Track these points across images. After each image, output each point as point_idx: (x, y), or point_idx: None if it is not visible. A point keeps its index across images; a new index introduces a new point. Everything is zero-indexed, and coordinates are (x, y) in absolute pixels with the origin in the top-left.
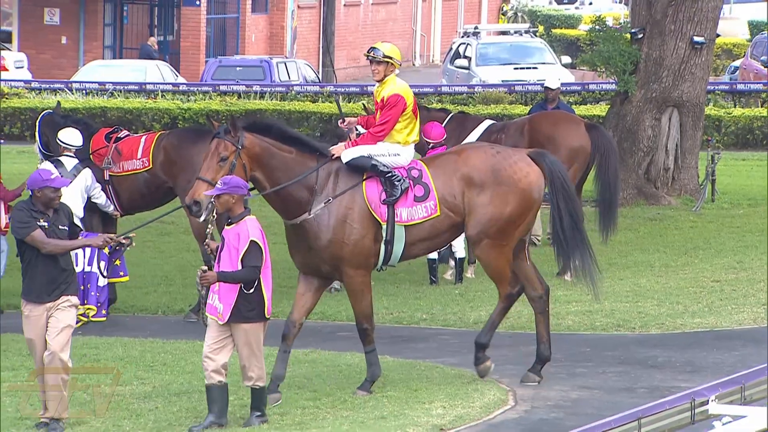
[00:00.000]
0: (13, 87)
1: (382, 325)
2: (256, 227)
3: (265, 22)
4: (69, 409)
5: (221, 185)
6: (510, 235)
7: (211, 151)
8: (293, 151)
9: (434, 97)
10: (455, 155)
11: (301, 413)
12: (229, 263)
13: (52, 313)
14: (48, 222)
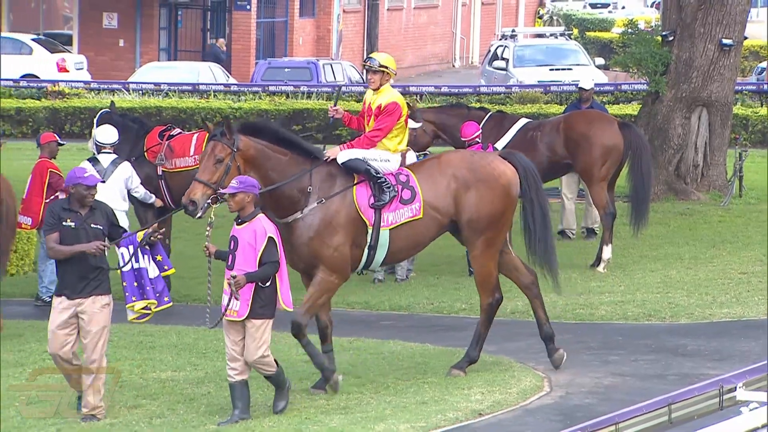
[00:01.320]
0: (74, 87)
1: (423, 314)
2: (269, 224)
3: (312, 26)
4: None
5: (237, 184)
6: (500, 231)
7: (208, 153)
8: (287, 153)
9: (473, 97)
10: (436, 160)
11: (346, 398)
12: (245, 261)
13: (84, 315)
14: (76, 222)
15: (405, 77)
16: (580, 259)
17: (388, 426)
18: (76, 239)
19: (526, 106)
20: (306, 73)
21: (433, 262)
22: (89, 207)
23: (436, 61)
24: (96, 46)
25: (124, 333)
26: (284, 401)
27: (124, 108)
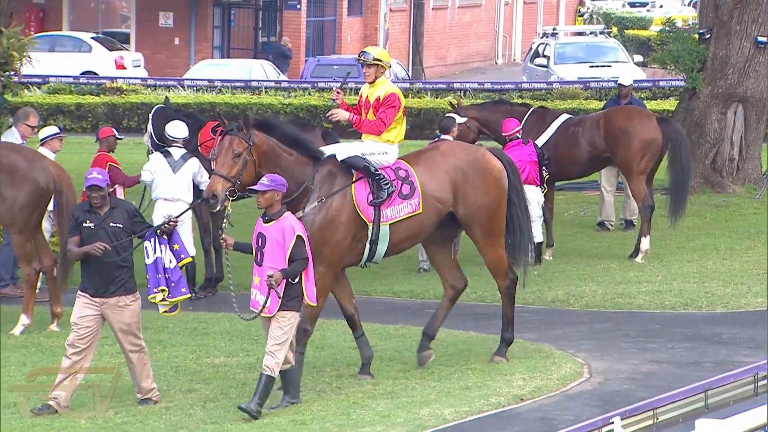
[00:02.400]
0: (131, 84)
1: (467, 302)
2: (297, 222)
3: (359, 24)
4: (156, 387)
5: (268, 182)
6: (498, 220)
7: (225, 147)
8: (293, 153)
9: (515, 93)
10: (434, 151)
11: (392, 384)
12: (274, 259)
13: (108, 314)
14: (95, 222)
15: (449, 74)
16: (618, 249)
17: (433, 410)
18: (95, 239)
19: (566, 101)
20: (353, 70)
21: (476, 252)
22: (109, 207)
23: (479, 59)
24: (152, 44)
25: (179, 320)
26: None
27: (178, 104)
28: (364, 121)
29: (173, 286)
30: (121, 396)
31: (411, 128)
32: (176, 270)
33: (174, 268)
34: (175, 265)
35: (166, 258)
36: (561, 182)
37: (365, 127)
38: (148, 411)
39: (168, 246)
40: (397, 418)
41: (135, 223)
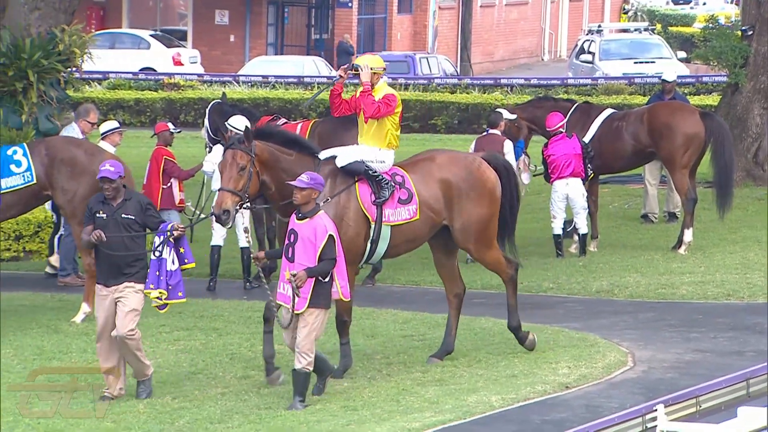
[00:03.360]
0: (188, 80)
1: None
2: (330, 222)
3: (409, 22)
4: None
5: (307, 179)
6: (492, 231)
7: (229, 162)
8: (293, 153)
9: (561, 89)
10: (430, 162)
11: (440, 371)
12: (305, 256)
13: (119, 298)
14: (107, 213)
15: (496, 70)
16: (662, 241)
17: (480, 397)
18: (105, 230)
19: (611, 97)
20: (403, 66)
21: (522, 244)
22: (122, 199)
23: (525, 55)
24: (209, 41)
25: (234, 308)
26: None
27: (234, 99)
28: (369, 98)
29: (171, 289)
30: (179, 382)
31: (459, 123)
32: (177, 273)
33: (175, 271)
34: (177, 268)
35: (170, 260)
36: (605, 176)
37: (367, 102)
38: (204, 396)
39: (174, 249)
40: (445, 405)
41: (148, 216)
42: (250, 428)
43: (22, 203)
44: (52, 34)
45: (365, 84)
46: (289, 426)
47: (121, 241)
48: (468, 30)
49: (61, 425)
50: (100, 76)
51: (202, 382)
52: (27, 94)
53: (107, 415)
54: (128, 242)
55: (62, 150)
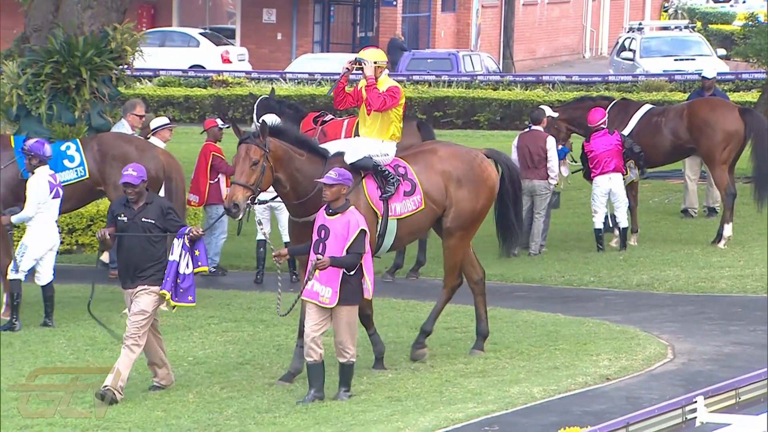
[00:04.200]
0: (236, 77)
1: (555, 286)
2: (361, 217)
3: (452, 20)
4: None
5: (335, 175)
6: (476, 227)
7: (242, 156)
8: (304, 153)
9: (602, 86)
10: (431, 154)
11: (483, 363)
12: (335, 250)
13: (134, 300)
14: (128, 216)
15: (538, 67)
16: (701, 236)
17: (522, 389)
18: (126, 232)
19: (651, 93)
20: (447, 64)
21: (563, 238)
22: (144, 203)
23: (567, 53)
24: (256, 39)
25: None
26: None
27: (280, 96)
28: (374, 91)
29: (182, 292)
30: (227, 373)
31: (501, 119)
32: (189, 277)
33: (188, 274)
34: (190, 272)
35: (183, 263)
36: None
37: (373, 95)
38: (252, 387)
39: (189, 252)
40: (488, 396)
41: (168, 220)
42: (296, 418)
43: (76, 197)
44: (104, 33)
45: (369, 78)
46: (335, 416)
47: (139, 244)
48: (510, 28)
49: (113, 413)
50: (150, 73)
51: (249, 373)
52: (80, 91)
53: (158, 405)
54: (146, 246)
55: (114, 146)
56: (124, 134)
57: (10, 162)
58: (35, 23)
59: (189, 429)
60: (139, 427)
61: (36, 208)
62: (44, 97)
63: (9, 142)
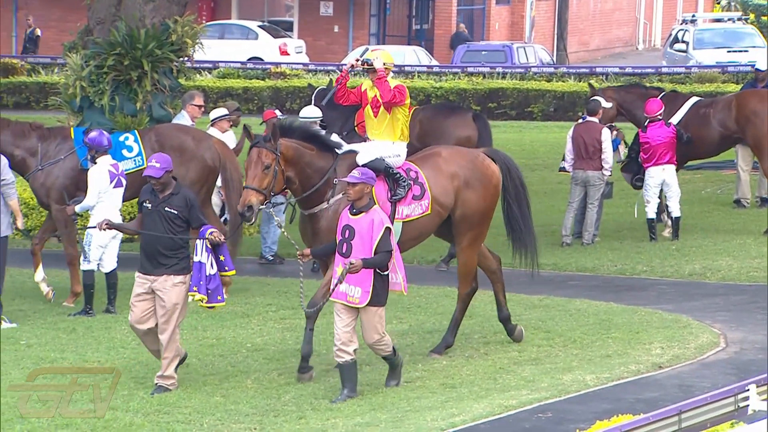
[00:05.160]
0: (294, 69)
1: (608, 275)
2: (385, 215)
3: (507, 12)
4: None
5: (359, 174)
6: (486, 226)
7: (254, 160)
8: (314, 148)
9: (655, 77)
10: (437, 156)
11: (536, 351)
12: (362, 250)
13: (158, 291)
14: (153, 204)
15: (592, 59)
16: (753, 226)
17: (575, 377)
18: (150, 219)
19: (704, 85)
20: (501, 56)
21: (616, 227)
22: (170, 193)
23: (620, 44)
24: (313, 31)
25: None
26: (396, 380)
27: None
28: (385, 84)
29: (210, 293)
30: (284, 359)
31: (554, 111)
32: (215, 278)
33: (214, 275)
34: (216, 272)
35: (208, 264)
36: (698, 161)
37: (384, 88)
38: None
39: (212, 253)
40: (541, 383)
41: (191, 212)
42: (352, 404)
43: (135, 186)
44: (165, 25)
45: (379, 70)
46: (390, 402)
47: (163, 232)
48: (564, 20)
49: (173, 398)
50: (210, 65)
51: (311, 361)
52: (141, 83)
53: (217, 391)
54: (168, 233)
55: (171, 137)
56: (182, 125)
57: (70, 153)
58: (98, 16)
59: (247, 414)
60: (199, 411)
61: (97, 197)
62: (107, 89)
63: (69, 134)
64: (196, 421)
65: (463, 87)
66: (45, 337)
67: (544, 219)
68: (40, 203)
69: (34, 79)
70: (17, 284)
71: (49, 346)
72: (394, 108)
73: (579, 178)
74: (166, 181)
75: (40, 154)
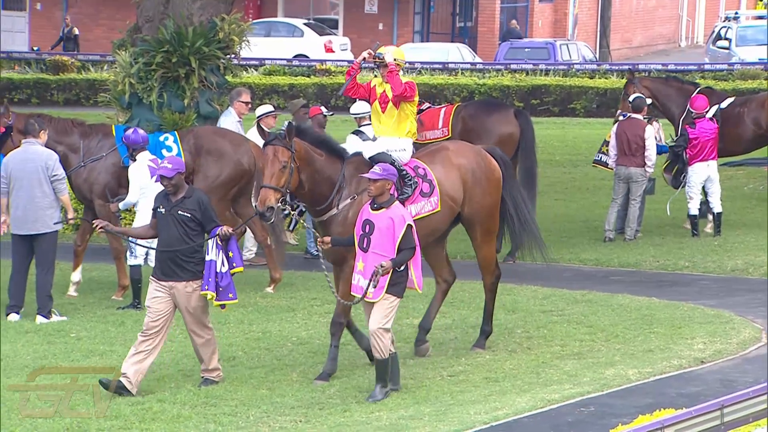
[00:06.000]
0: (339, 66)
1: (650, 270)
2: (407, 212)
3: (550, 10)
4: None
5: (380, 170)
6: (494, 220)
7: (270, 158)
8: (323, 153)
9: (697, 74)
10: (445, 151)
11: (579, 345)
12: (382, 246)
13: (176, 297)
14: (166, 208)
15: (634, 56)
16: None
17: (618, 371)
18: (164, 223)
19: (746, 82)
20: (544, 53)
21: (659, 223)
22: (183, 196)
23: (663, 42)
24: (358, 29)
25: None
26: (380, 396)
27: None
28: (396, 78)
29: (221, 291)
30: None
31: (597, 107)
32: (227, 275)
33: (225, 273)
34: (227, 270)
35: (218, 261)
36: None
37: (395, 81)
38: (353, 366)
39: (223, 251)
40: (584, 378)
41: (205, 214)
42: (396, 397)
43: None
44: (212, 23)
45: (390, 65)
46: (434, 395)
47: (178, 237)
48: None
49: (220, 391)
50: (256, 62)
51: (351, 353)
52: (189, 80)
53: (263, 383)
54: (185, 239)
55: (209, 139)
56: (220, 129)
57: (111, 150)
58: (147, 14)
59: (292, 406)
60: (245, 404)
61: (138, 193)
62: (155, 86)
63: (110, 131)
64: (242, 413)
65: (507, 84)
66: (94, 330)
67: (586, 215)
68: (81, 199)
69: (84, 77)
70: (67, 278)
71: (98, 339)
72: (402, 104)
73: (621, 174)
74: (178, 183)
75: (82, 151)
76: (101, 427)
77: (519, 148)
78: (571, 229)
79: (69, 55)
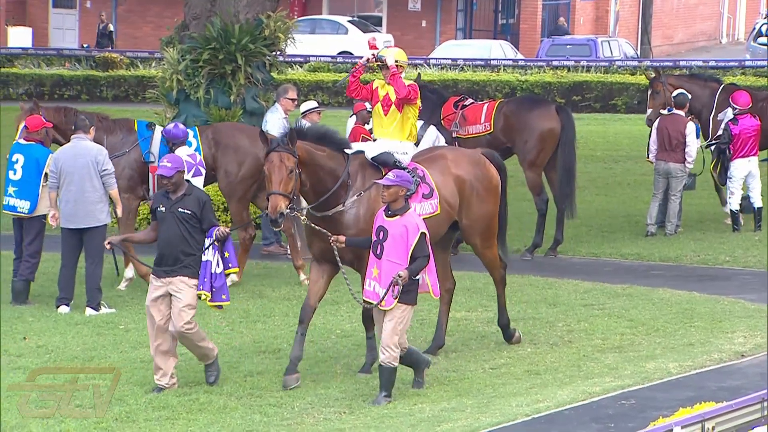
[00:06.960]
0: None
1: (690, 265)
2: (420, 219)
3: (591, 7)
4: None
5: (393, 177)
6: (494, 226)
7: (277, 165)
8: (325, 150)
9: (738, 71)
10: (443, 159)
11: (620, 339)
12: (395, 253)
13: (172, 292)
14: (166, 207)
15: (675, 53)
16: None
17: (658, 364)
18: (165, 223)
19: None
20: (585, 50)
21: (699, 218)
22: (183, 194)
23: (704, 38)
24: (402, 26)
25: None
26: (383, 401)
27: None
28: (399, 80)
29: (215, 291)
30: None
31: (638, 103)
32: (221, 276)
33: (219, 273)
34: (221, 271)
35: (214, 262)
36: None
37: (399, 84)
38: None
39: (219, 252)
40: (625, 371)
41: (204, 212)
42: (439, 389)
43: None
44: (258, 21)
45: (392, 67)
46: (476, 388)
47: (177, 234)
48: (648, 14)
49: (265, 382)
50: (301, 59)
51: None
52: (235, 76)
53: (308, 375)
54: (185, 236)
55: (227, 134)
56: (239, 124)
57: (134, 145)
58: (194, 12)
59: (337, 398)
60: (290, 395)
61: None
62: (202, 82)
63: (133, 126)
64: (287, 405)
65: (548, 80)
66: (143, 322)
67: (627, 209)
68: None
69: (133, 73)
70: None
71: (145, 331)
72: (405, 107)
73: (661, 169)
74: (178, 181)
75: (106, 146)
76: (149, 417)
77: (559, 143)
78: (611, 224)
79: (118, 52)
